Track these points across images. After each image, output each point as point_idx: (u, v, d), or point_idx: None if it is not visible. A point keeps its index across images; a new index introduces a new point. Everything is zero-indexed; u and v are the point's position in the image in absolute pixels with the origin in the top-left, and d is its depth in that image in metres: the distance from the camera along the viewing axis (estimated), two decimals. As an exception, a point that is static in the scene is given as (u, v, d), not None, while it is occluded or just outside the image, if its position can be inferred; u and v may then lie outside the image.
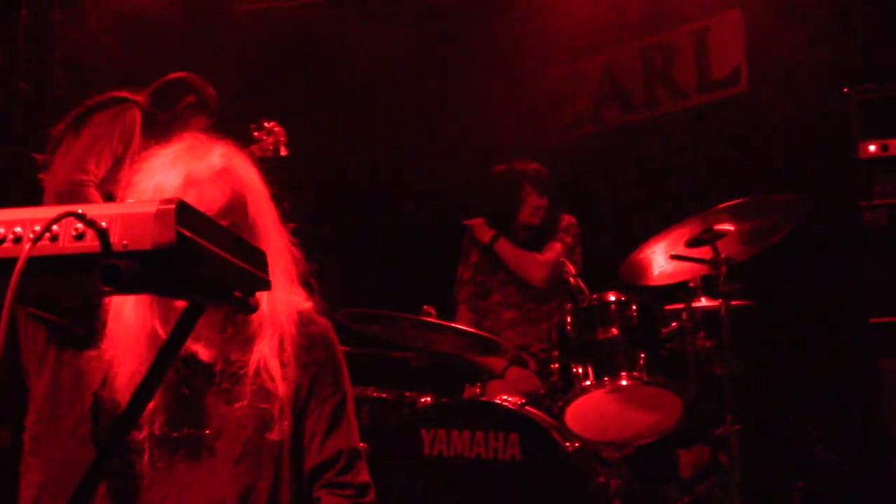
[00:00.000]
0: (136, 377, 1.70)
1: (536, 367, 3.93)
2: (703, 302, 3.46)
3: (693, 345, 3.20)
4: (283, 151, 3.94)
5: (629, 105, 5.64)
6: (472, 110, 5.84)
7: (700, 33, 5.31)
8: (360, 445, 3.05)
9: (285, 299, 1.84)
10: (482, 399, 3.20)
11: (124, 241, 1.13)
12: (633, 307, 3.18)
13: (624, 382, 3.06)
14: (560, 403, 3.09)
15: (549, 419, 3.12)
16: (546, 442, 2.96)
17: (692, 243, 3.24)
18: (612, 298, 3.22)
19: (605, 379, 3.07)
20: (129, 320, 1.76)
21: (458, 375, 3.86)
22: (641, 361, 3.08)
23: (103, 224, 1.12)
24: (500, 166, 4.36)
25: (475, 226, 4.26)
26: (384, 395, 3.38)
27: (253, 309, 1.46)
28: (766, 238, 3.32)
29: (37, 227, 1.12)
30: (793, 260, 4.06)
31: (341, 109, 5.59)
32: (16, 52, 4.43)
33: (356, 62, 5.57)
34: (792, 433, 4.02)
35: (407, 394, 3.34)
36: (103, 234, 1.12)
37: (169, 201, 1.15)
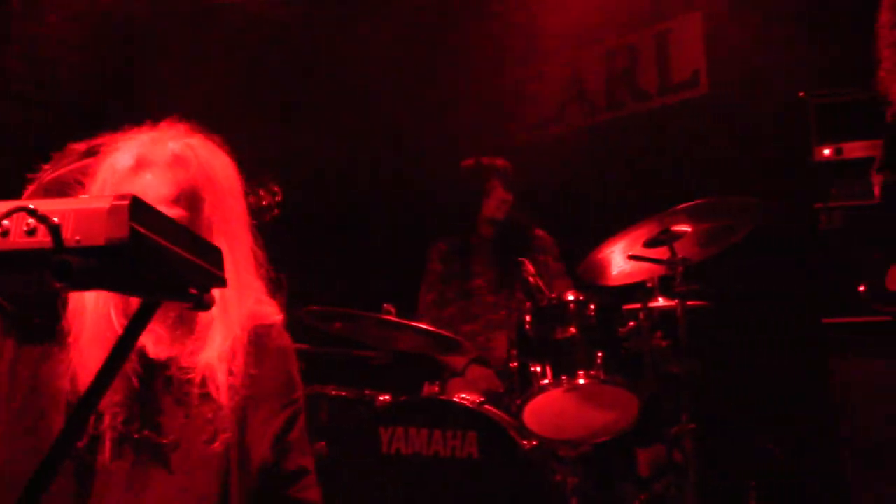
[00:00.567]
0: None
1: (497, 366, 3.95)
2: (661, 302, 3.49)
3: (650, 344, 3.24)
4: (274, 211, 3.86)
5: (593, 106, 5.68)
6: (438, 110, 5.85)
7: (661, 36, 5.36)
8: (318, 445, 3.07)
9: (240, 304, 1.79)
10: (441, 397, 3.22)
11: (77, 237, 1.13)
12: (592, 307, 3.20)
13: (581, 381, 3.08)
14: (518, 402, 3.10)
15: (507, 417, 3.14)
16: (503, 440, 2.98)
17: (650, 244, 3.28)
18: (571, 298, 3.24)
19: (563, 378, 3.09)
20: (92, 317, 1.72)
21: (420, 373, 3.87)
22: (599, 360, 3.10)
23: (55, 219, 1.11)
24: (468, 161, 4.39)
25: None
26: (343, 394, 3.39)
27: (208, 306, 1.45)
28: (722, 239, 3.37)
29: (-14, 222, 1.11)
30: (749, 261, 4.12)
31: (305, 107, 5.58)
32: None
33: (323, 61, 5.56)
34: (746, 432, 4.07)
35: (366, 392, 3.35)
36: (55, 230, 1.12)
37: (123, 197, 1.15)
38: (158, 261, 1.25)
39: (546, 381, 3.09)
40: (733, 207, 3.26)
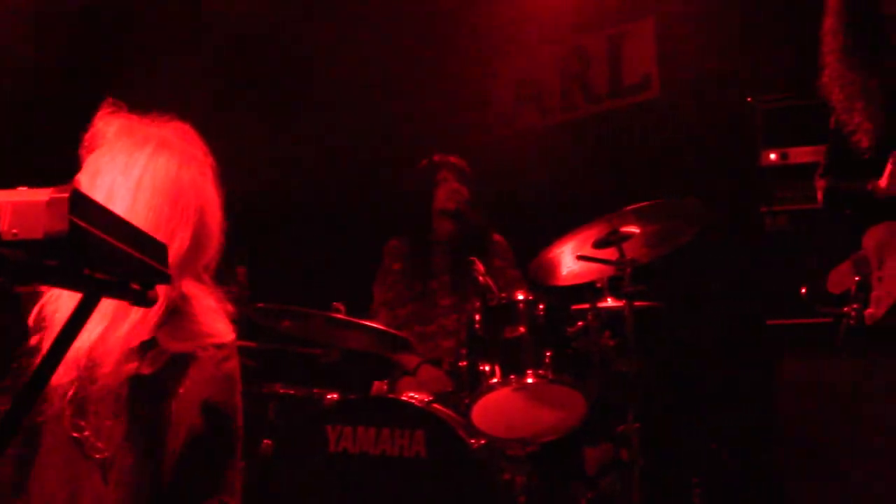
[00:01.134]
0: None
1: (449, 367, 3.95)
2: (610, 302, 3.53)
3: (597, 344, 3.27)
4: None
5: (545, 108, 5.72)
6: (390, 110, 5.85)
7: (614, 40, 5.41)
8: (265, 442, 3.04)
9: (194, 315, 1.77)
10: (389, 396, 3.21)
11: (14, 230, 1.11)
12: (541, 306, 3.22)
13: (530, 380, 3.09)
14: (466, 401, 3.11)
15: (456, 416, 3.14)
16: (451, 439, 2.98)
17: (599, 244, 3.31)
18: (521, 297, 3.26)
19: (512, 377, 3.10)
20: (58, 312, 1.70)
21: (372, 372, 3.86)
22: (547, 360, 3.12)
23: (-9, 211, 1.10)
24: (422, 162, 4.39)
25: None
26: (292, 392, 3.36)
27: (151, 302, 1.43)
28: (670, 241, 3.41)
29: (-79, 214, 1.09)
30: (696, 262, 4.18)
31: (256, 106, 5.53)
32: None
33: (281, 59, 5.52)
34: (691, 431, 4.13)
35: (315, 390, 3.33)
36: (-10, 222, 1.10)
37: (62, 189, 1.13)
38: (99, 255, 1.23)
39: (495, 381, 3.10)
40: (680, 209, 3.30)
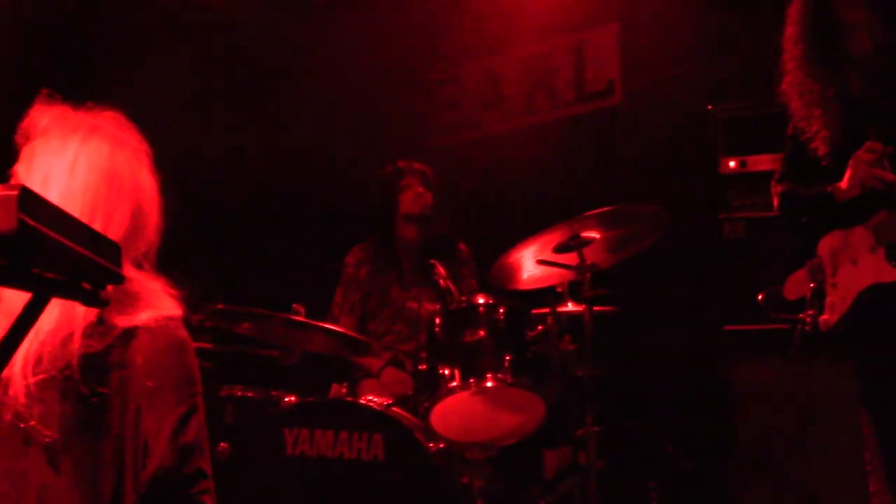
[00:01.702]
0: None
1: (412, 370, 3.93)
2: (570, 307, 3.55)
3: (557, 348, 3.28)
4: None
5: (509, 112, 5.74)
6: (356, 112, 5.83)
7: (579, 45, 5.44)
8: (222, 445, 3.01)
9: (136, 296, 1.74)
10: (347, 399, 3.20)
11: (-40, 229, 1.09)
12: (501, 310, 3.23)
13: (489, 384, 3.10)
14: (426, 404, 3.11)
15: (415, 420, 3.14)
16: (409, 443, 2.98)
17: (560, 249, 3.32)
18: (481, 301, 3.26)
19: (471, 380, 3.10)
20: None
21: (333, 375, 3.84)
22: (507, 364, 3.13)
23: (-64, 209, 1.07)
24: (387, 168, 4.37)
25: None
26: (250, 394, 3.34)
27: (104, 303, 1.42)
28: (630, 246, 3.44)
29: None
30: (655, 268, 4.21)
31: (220, 106, 5.49)
32: None
33: (244, 57, 5.48)
34: (649, 435, 4.17)
35: (273, 393, 3.31)
36: (-64, 220, 1.08)
37: (11, 187, 1.11)
38: (49, 254, 1.21)
39: (454, 384, 3.10)
40: (640, 215, 3.33)
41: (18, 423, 1.67)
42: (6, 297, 1.67)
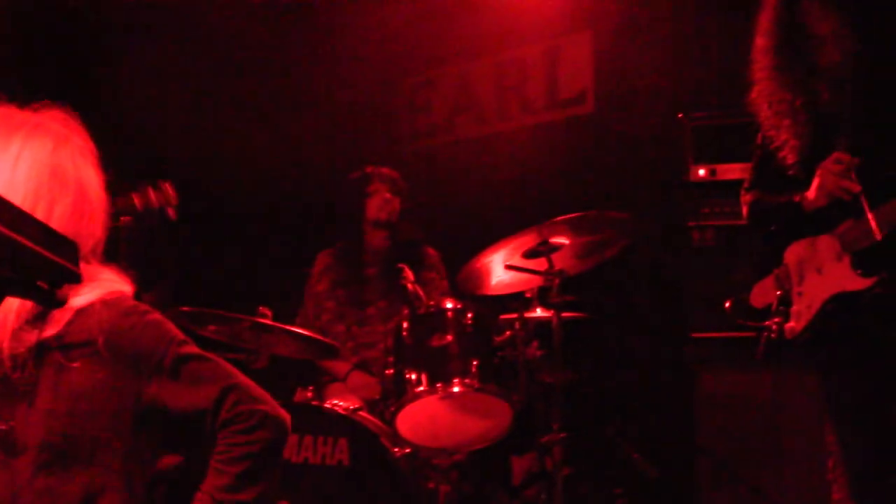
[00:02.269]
0: None
1: (379, 374, 3.91)
2: (538, 312, 3.55)
3: (524, 354, 3.27)
4: (171, 214, 3.68)
5: (482, 117, 5.74)
6: (327, 116, 5.81)
7: (552, 52, 5.45)
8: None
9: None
10: (313, 403, 3.17)
11: (-89, 226, 1.06)
12: (469, 315, 3.22)
13: (456, 389, 3.09)
14: (392, 409, 3.09)
15: (381, 425, 3.12)
16: (375, 447, 2.96)
17: (529, 254, 3.32)
18: (449, 306, 3.25)
19: (438, 385, 3.09)
20: None
21: (301, 378, 3.82)
22: (474, 369, 3.12)
23: None
24: (355, 172, 4.35)
25: None
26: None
27: (60, 303, 1.39)
28: (600, 253, 3.44)
29: None
30: (624, 274, 4.23)
31: (191, 106, 5.45)
32: None
33: (218, 62, 5.44)
34: (615, 441, 4.17)
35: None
36: None
37: (-38, 184, 1.09)
38: (3, 253, 1.19)
39: (421, 389, 3.09)
40: (609, 222, 3.33)
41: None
42: None
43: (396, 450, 3.04)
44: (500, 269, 3.41)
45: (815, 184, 2.63)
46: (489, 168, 5.53)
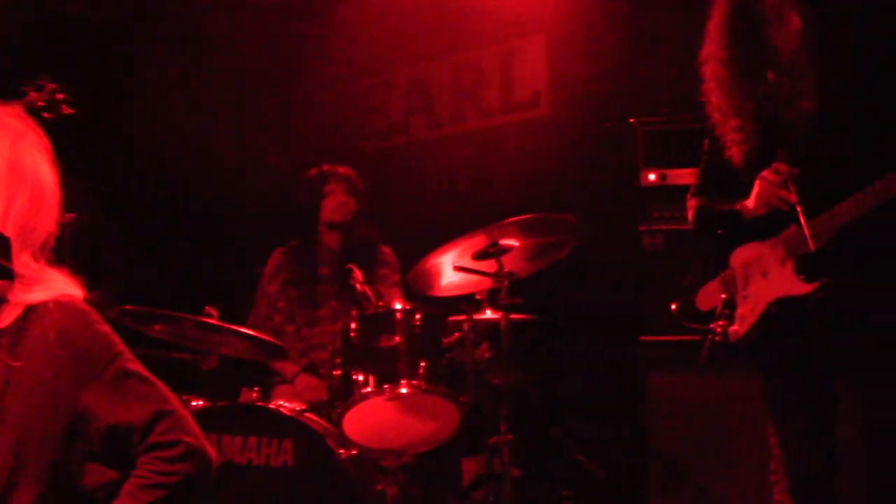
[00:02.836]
0: None
1: (327, 376, 3.88)
2: (488, 314, 3.54)
3: (472, 355, 3.27)
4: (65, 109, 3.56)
5: (437, 119, 5.73)
6: (283, 113, 5.76)
7: (506, 56, 5.46)
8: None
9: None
10: (258, 404, 3.13)
11: None
12: (418, 316, 3.21)
13: (404, 390, 3.08)
14: (339, 410, 3.06)
15: (327, 426, 3.10)
16: (320, 449, 2.94)
17: (479, 256, 3.32)
18: (398, 307, 3.24)
19: (386, 386, 3.07)
20: None
21: (250, 380, 3.77)
22: (422, 370, 3.11)
23: None
24: (312, 170, 4.32)
25: None
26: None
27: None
28: (549, 255, 3.44)
29: None
30: (574, 277, 4.24)
31: (148, 106, 5.37)
32: None
33: (172, 57, 5.37)
34: (563, 443, 4.18)
35: (183, 396, 3.22)
36: None
37: None
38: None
39: (368, 390, 3.07)
40: (558, 224, 3.34)
41: None
42: None
43: (342, 451, 3.01)
44: (450, 270, 3.40)
45: (754, 193, 2.66)
46: (444, 169, 5.52)
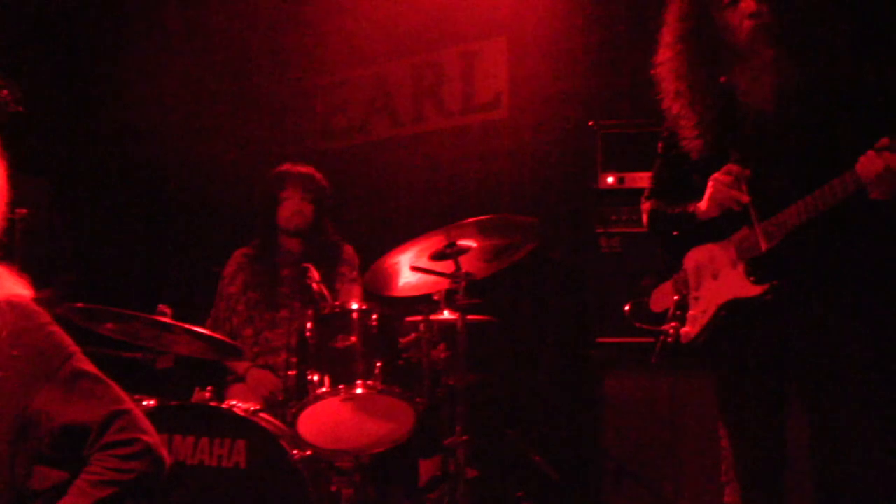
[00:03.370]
0: None
1: (282, 375, 3.85)
2: (446, 315, 3.54)
3: (429, 356, 3.26)
4: (12, 108, 3.49)
5: (397, 119, 5.72)
6: (243, 113, 5.72)
7: (468, 57, 5.46)
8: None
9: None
10: (211, 404, 3.10)
11: None
12: (374, 316, 3.20)
13: (359, 391, 3.06)
14: (293, 411, 3.04)
15: (281, 426, 3.07)
16: (273, 449, 2.91)
17: (437, 256, 3.31)
18: (354, 307, 3.22)
19: (341, 387, 3.05)
20: None
21: (204, 379, 3.73)
22: (378, 370, 3.10)
23: None
24: (271, 170, 4.27)
25: None
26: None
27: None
28: (507, 256, 3.45)
29: None
30: (532, 279, 4.26)
31: (103, 104, 5.32)
32: None
33: (128, 56, 5.32)
34: (518, 444, 4.19)
35: (134, 396, 3.18)
36: None
37: None
38: None
39: (323, 390, 3.05)
40: (515, 225, 3.34)
41: None
42: None
43: (296, 452, 2.99)
44: (407, 270, 3.39)
45: (707, 194, 2.68)
46: (404, 169, 5.51)
